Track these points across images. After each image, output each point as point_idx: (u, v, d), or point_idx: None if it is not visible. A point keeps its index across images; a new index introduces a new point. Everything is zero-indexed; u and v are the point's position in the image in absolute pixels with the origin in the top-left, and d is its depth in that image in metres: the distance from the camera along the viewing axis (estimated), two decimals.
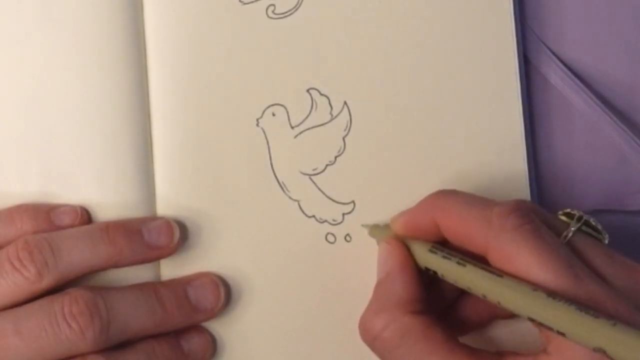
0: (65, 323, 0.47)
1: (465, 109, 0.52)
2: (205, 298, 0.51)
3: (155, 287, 0.50)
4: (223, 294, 0.51)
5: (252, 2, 0.51)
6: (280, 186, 0.52)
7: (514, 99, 0.52)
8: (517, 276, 0.45)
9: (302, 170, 0.52)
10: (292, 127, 0.52)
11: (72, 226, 0.49)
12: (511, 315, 0.50)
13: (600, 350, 0.42)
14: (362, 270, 0.52)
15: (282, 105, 0.52)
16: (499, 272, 0.45)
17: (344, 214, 0.52)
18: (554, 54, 0.54)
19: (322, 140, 0.52)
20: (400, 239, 0.50)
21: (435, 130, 0.52)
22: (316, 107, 0.52)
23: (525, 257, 0.44)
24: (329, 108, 0.52)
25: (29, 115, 0.50)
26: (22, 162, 0.51)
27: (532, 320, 0.44)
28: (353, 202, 0.52)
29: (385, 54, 0.52)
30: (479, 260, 0.47)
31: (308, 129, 0.52)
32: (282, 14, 0.52)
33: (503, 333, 0.52)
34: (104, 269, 0.49)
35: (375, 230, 0.52)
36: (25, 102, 0.50)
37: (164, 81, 0.51)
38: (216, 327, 0.52)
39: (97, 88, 0.50)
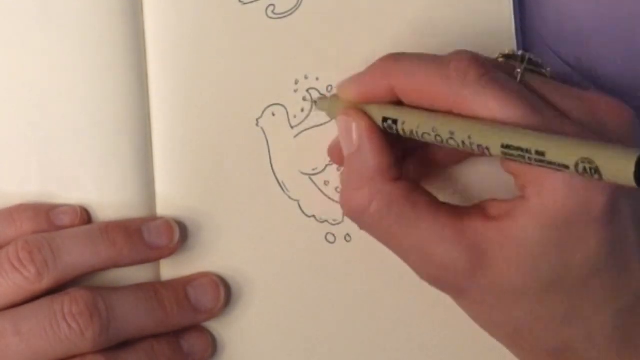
0: (65, 323, 0.47)
1: None
2: (205, 298, 0.51)
3: (155, 287, 0.50)
4: (223, 294, 0.51)
5: (252, 2, 0.51)
6: (280, 186, 0.52)
7: None
8: None
9: (302, 170, 0.52)
10: (292, 127, 0.52)
11: (71, 226, 0.50)
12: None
13: (586, 162, 0.39)
14: (361, 270, 0.52)
15: (282, 105, 0.52)
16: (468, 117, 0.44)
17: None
18: (554, 53, 0.54)
19: (322, 140, 0.52)
20: (355, 107, 0.48)
21: None
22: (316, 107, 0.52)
23: (492, 107, 0.44)
24: None
25: (28, 116, 0.50)
26: (22, 162, 0.51)
27: (506, 152, 0.42)
28: None
29: (385, 54, 0.52)
30: None
31: (308, 129, 0.52)
32: (282, 14, 0.52)
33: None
34: (104, 269, 0.49)
35: (323, 102, 0.51)
36: (25, 103, 0.50)
37: (164, 81, 0.51)
38: (216, 327, 0.52)
39: (97, 88, 0.50)
